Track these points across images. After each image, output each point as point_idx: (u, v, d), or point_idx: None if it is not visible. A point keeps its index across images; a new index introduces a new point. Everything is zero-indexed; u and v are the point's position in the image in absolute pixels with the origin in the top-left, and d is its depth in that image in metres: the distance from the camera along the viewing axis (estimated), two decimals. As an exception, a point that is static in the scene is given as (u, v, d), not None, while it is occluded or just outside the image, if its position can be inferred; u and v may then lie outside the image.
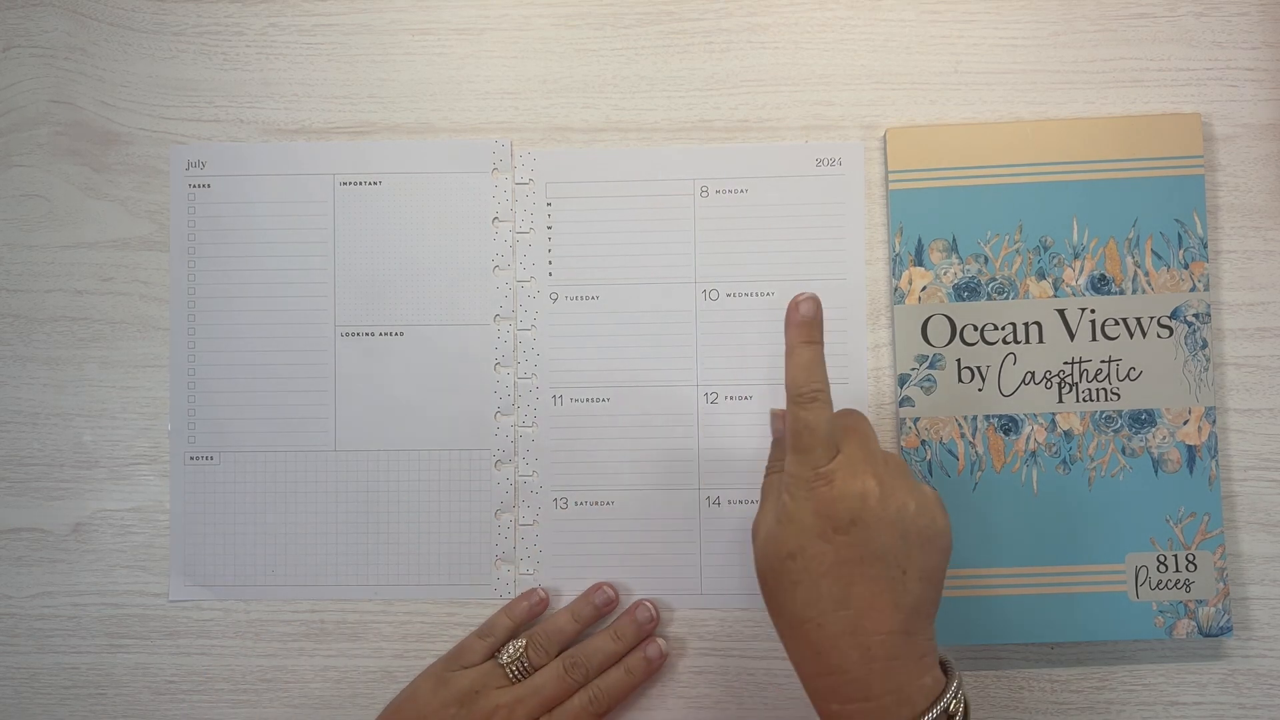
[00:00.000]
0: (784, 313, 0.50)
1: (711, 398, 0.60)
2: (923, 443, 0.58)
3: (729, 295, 0.60)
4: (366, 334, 0.61)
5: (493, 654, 0.57)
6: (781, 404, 0.59)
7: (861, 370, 0.59)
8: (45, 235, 0.61)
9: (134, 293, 0.61)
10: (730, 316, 0.60)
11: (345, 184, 0.61)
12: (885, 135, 0.59)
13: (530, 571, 0.60)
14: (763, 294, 0.60)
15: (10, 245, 0.61)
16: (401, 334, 0.61)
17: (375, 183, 0.61)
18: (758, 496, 0.59)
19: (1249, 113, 0.59)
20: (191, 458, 0.61)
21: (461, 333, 0.61)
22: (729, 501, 0.59)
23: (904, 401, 0.58)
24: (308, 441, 0.61)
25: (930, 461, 0.58)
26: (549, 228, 0.61)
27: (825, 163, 0.60)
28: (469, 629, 0.60)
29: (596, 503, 0.60)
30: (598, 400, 0.60)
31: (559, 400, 0.60)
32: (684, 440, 0.60)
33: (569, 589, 0.60)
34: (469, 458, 0.60)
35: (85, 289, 0.61)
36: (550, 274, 0.61)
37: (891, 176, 0.59)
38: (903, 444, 0.58)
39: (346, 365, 0.61)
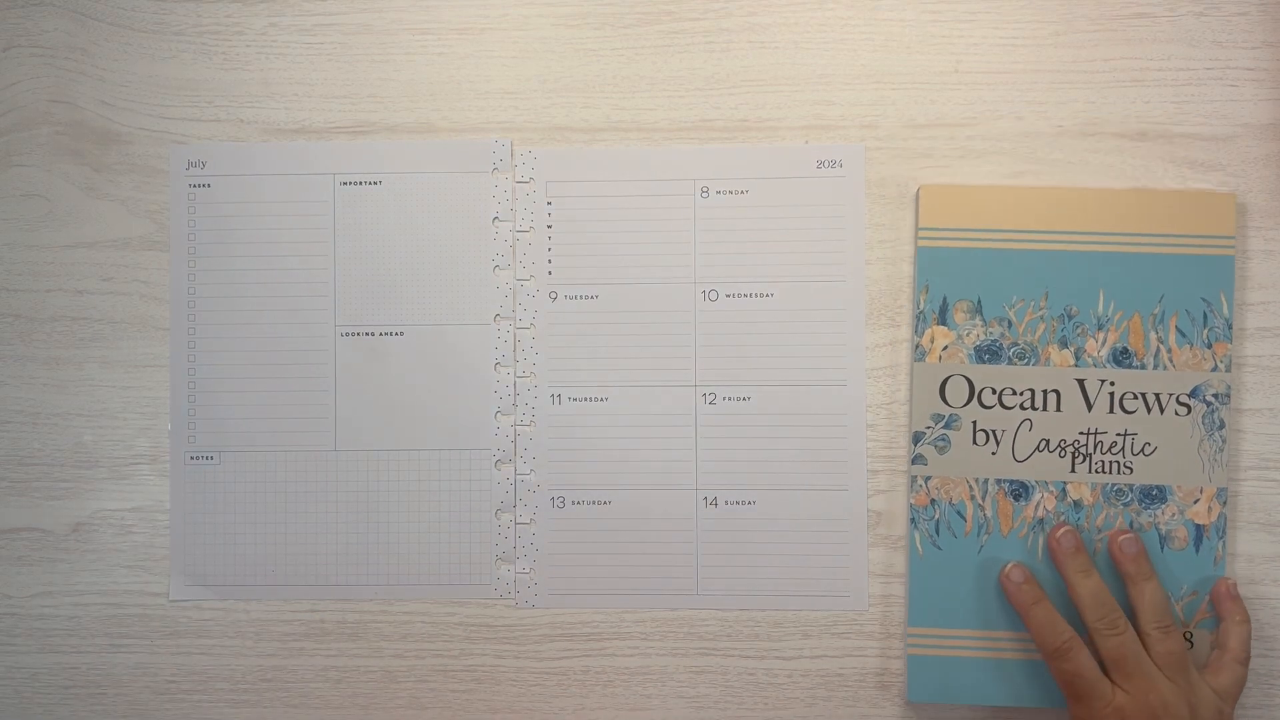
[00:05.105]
0: (785, 314, 0.50)
1: (710, 398, 0.60)
2: (932, 501, 0.58)
3: (729, 295, 0.60)
4: (366, 334, 0.61)
5: None
6: (777, 404, 0.59)
7: (860, 372, 0.59)
8: (45, 235, 0.61)
9: (134, 293, 0.61)
10: (730, 317, 0.60)
11: (345, 184, 0.61)
12: (918, 192, 0.59)
13: (527, 570, 0.60)
14: (762, 294, 0.60)
15: (10, 245, 0.61)
16: (401, 334, 0.61)
17: (375, 183, 0.61)
18: (754, 497, 0.59)
19: (1249, 113, 0.59)
20: (191, 458, 0.61)
21: (461, 332, 0.61)
22: (726, 502, 0.59)
23: (916, 459, 0.58)
24: (308, 441, 0.61)
25: (938, 521, 0.58)
26: (549, 227, 0.61)
27: (826, 164, 0.60)
28: (469, 628, 0.60)
29: (594, 502, 0.60)
30: (597, 400, 0.60)
31: (558, 400, 0.60)
32: (682, 440, 0.60)
33: (564, 588, 0.60)
34: (469, 458, 0.60)
35: (85, 289, 0.61)
36: (550, 273, 0.61)
37: (921, 233, 0.58)
38: (912, 501, 0.58)
39: (346, 365, 0.61)
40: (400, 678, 0.60)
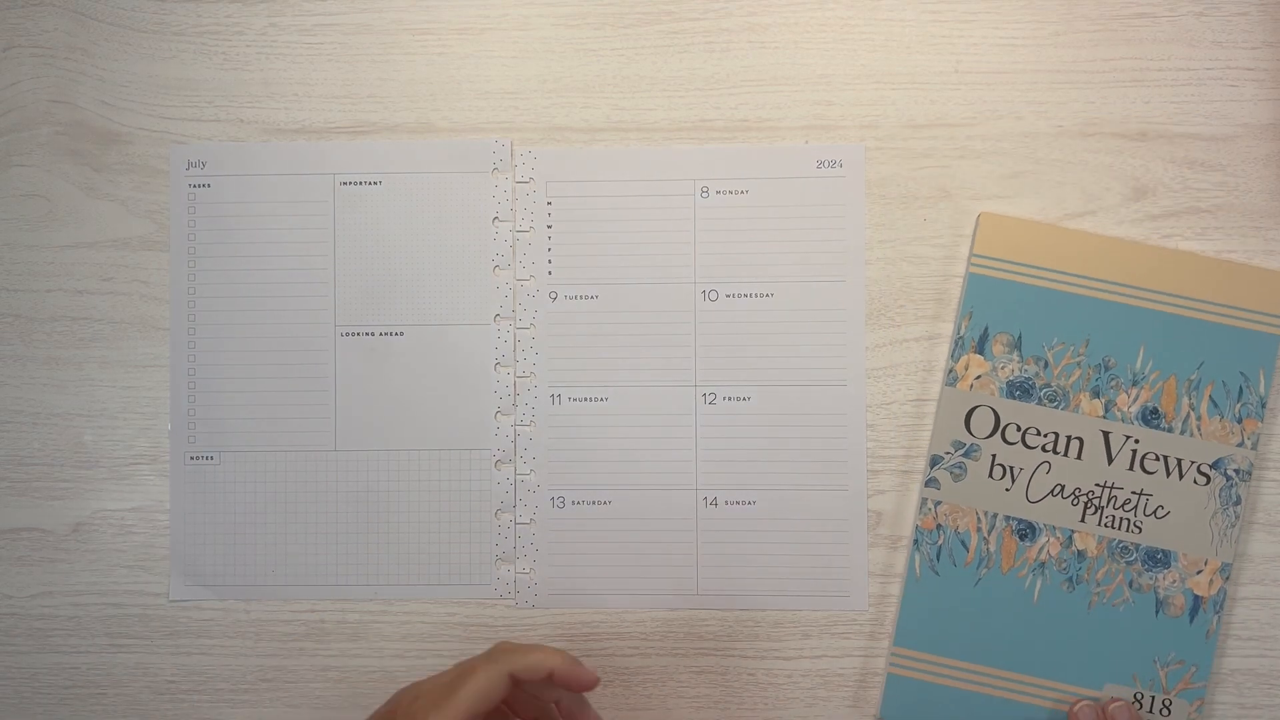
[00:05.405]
0: (785, 314, 0.50)
1: (710, 398, 0.60)
2: (938, 526, 0.58)
3: (729, 295, 0.60)
4: (366, 334, 0.61)
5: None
6: (777, 404, 0.59)
7: (860, 372, 0.59)
8: (45, 235, 0.61)
9: (134, 293, 0.61)
10: (730, 317, 0.60)
11: (345, 184, 0.61)
12: (978, 218, 0.59)
13: (527, 570, 0.60)
14: (763, 294, 0.60)
15: (10, 245, 0.61)
16: (401, 334, 0.61)
17: (375, 183, 0.61)
18: (754, 497, 0.59)
19: (1249, 113, 0.59)
20: (191, 458, 0.61)
21: (461, 333, 0.61)
22: (726, 502, 0.59)
23: (930, 482, 0.58)
24: (308, 441, 0.61)
25: (941, 547, 0.58)
26: (549, 227, 0.61)
27: (826, 164, 0.60)
28: (469, 628, 0.60)
29: (594, 502, 0.60)
30: (597, 400, 0.60)
31: (558, 400, 0.60)
32: (682, 440, 0.60)
33: (564, 588, 0.60)
34: (469, 458, 0.60)
35: (85, 289, 0.61)
36: (550, 273, 0.61)
37: (974, 259, 0.58)
38: (918, 523, 0.58)
39: (346, 365, 0.61)
40: (400, 678, 0.60)
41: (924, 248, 0.60)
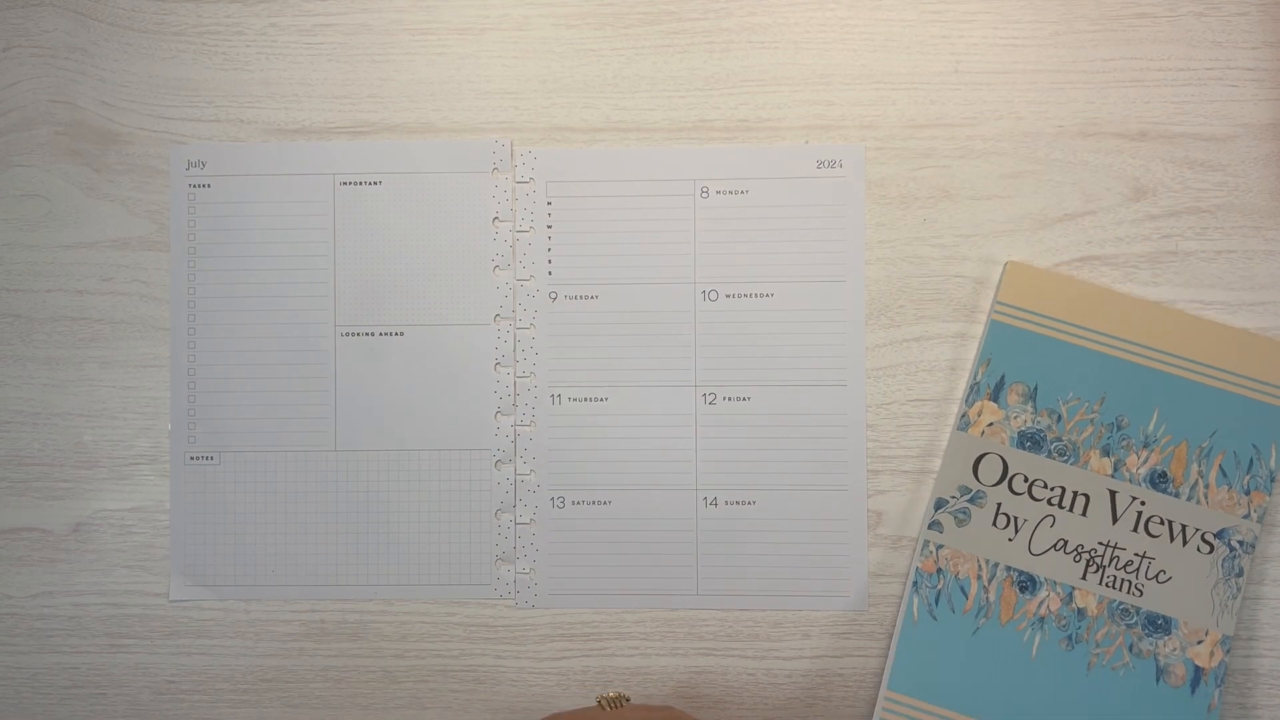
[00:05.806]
0: (785, 314, 0.50)
1: (710, 398, 0.60)
2: (939, 570, 0.58)
3: (729, 296, 0.60)
4: (366, 334, 0.61)
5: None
6: (777, 404, 0.59)
7: (860, 372, 0.59)
8: (45, 235, 0.61)
9: (134, 293, 0.61)
10: (730, 317, 0.60)
11: (345, 184, 0.61)
12: (1005, 266, 0.59)
13: (527, 570, 0.60)
14: (762, 294, 0.60)
15: (10, 245, 0.61)
16: (401, 334, 0.61)
17: (375, 183, 0.61)
18: (754, 497, 0.59)
19: (1249, 113, 0.59)
20: (191, 458, 0.61)
21: (461, 333, 0.61)
22: (726, 502, 0.59)
23: (933, 524, 0.58)
24: (308, 441, 0.61)
25: (940, 592, 0.57)
26: (549, 227, 0.61)
27: (826, 164, 0.60)
28: (469, 629, 0.60)
29: (594, 502, 0.60)
30: (596, 400, 0.60)
31: (558, 400, 0.60)
32: (682, 440, 0.60)
33: (564, 588, 0.60)
34: (469, 458, 0.60)
35: (85, 289, 0.61)
36: (550, 274, 0.61)
37: (997, 306, 0.58)
38: (919, 565, 0.58)
39: (346, 365, 0.61)
40: (400, 678, 0.60)
41: (924, 248, 0.60)
